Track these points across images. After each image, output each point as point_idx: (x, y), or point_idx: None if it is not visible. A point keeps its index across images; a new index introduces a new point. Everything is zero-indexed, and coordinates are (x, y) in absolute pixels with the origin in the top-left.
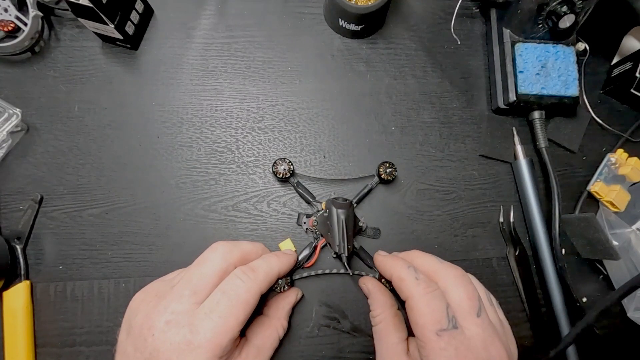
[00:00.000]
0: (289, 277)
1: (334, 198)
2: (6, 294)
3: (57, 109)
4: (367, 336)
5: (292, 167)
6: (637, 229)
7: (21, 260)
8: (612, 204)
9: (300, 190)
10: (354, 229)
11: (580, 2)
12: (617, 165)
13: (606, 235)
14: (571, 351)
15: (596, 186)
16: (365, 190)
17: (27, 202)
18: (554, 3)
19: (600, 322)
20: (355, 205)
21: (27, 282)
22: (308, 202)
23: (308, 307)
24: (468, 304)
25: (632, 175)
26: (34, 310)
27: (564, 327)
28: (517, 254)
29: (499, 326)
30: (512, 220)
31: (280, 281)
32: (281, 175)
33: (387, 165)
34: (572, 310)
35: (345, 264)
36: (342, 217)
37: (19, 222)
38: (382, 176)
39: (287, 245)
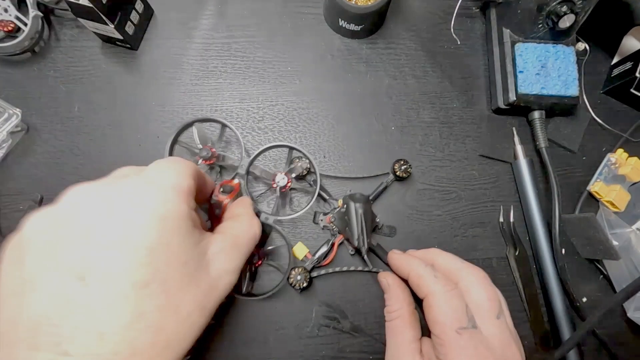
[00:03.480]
0: (308, 273)
1: (351, 194)
2: None
3: (57, 109)
4: (367, 336)
5: (308, 165)
6: (637, 229)
7: None
8: (612, 204)
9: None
10: (372, 224)
11: (580, 2)
12: (617, 165)
13: (606, 235)
14: (572, 351)
15: (596, 186)
16: (381, 188)
17: (27, 202)
18: (554, 3)
19: (600, 322)
20: (372, 201)
21: None
22: (324, 200)
23: (308, 307)
24: (489, 305)
25: (632, 175)
26: None
27: (564, 328)
28: (517, 254)
29: (513, 331)
30: (512, 220)
31: (299, 277)
32: (298, 173)
33: (402, 162)
34: (572, 310)
35: (365, 257)
36: (360, 211)
37: (19, 222)
38: (397, 173)
39: (300, 249)
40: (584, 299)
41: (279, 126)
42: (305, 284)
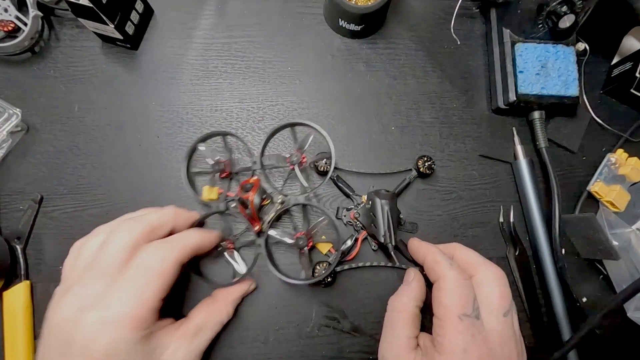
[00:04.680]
0: (334, 268)
1: (376, 190)
2: (6, 294)
3: (57, 109)
4: (367, 336)
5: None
6: (637, 229)
7: (21, 260)
8: (612, 204)
9: (339, 184)
10: (397, 220)
11: (580, 2)
12: (617, 165)
13: (606, 235)
14: (572, 351)
15: (596, 186)
16: (404, 184)
17: (27, 202)
18: (554, 3)
19: (600, 322)
20: (396, 197)
21: (27, 282)
22: (347, 196)
23: (308, 307)
24: (499, 303)
25: (632, 175)
26: (34, 310)
27: (564, 327)
28: (517, 254)
29: (517, 333)
30: (512, 220)
31: (324, 272)
32: (322, 168)
33: (426, 158)
34: (572, 310)
35: (392, 253)
36: (387, 207)
37: (19, 222)
38: (421, 170)
39: (323, 244)
40: (584, 299)
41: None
42: (329, 279)
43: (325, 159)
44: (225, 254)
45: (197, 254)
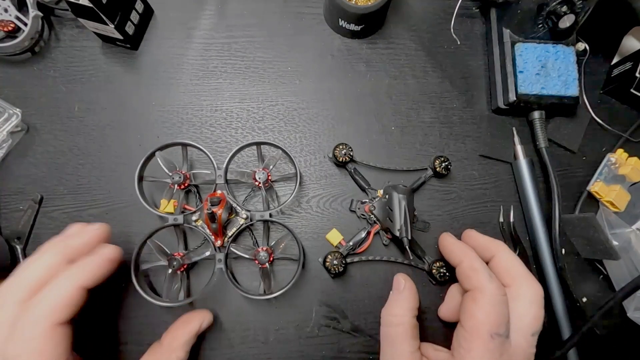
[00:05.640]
0: (344, 258)
1: (393, 184)
2: None
3: (57, 109)
4: (367, 336)
5: (351, 152)
6: (637, 229)
7: (21, 260)
8: (612, 204)
9: (356, 177)
10: (412, 216)
11: (580, 2)
12: (617, 165)
13: (606, 235)
14: (572, 351)
15: (596, 186)
16: (419, 182)
17: (27, 202)
18: (554, 3)
19: (600, 322)
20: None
21: None
22: (363, 190)
23: (308, 307)
24: (531, 322)
25: (632, 175)
26: None
27: (564, 327)
28: (517, 254)
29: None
30: (512, 220)
31: (336, 262)
32: (341, 159)
33: (443, 159)
34: (572, 310)
35: (407, 247)
36: (404, 202)
37: (19, 222)
38: (437, 169)
39: (334, 235)
40: (584, 299)
41: (279, 126)
42: (341, 269)
43: (344, 150)
44: (169, 271)
45: (112, 271)
